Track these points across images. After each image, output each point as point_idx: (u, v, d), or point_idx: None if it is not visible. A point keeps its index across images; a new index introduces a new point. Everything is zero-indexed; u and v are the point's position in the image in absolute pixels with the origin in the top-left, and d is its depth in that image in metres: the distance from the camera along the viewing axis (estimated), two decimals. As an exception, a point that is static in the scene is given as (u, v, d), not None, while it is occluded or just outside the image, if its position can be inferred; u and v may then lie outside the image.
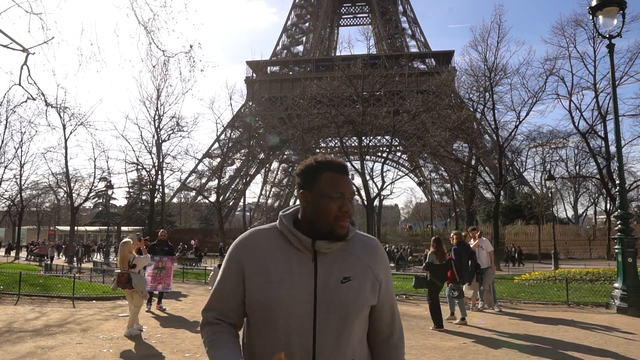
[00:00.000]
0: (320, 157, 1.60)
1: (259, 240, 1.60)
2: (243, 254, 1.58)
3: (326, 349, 1.49)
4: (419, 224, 70.54)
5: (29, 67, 14.64)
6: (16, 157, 40.81)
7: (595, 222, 56.09)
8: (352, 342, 1.55)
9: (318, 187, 1.55)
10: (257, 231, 1.64)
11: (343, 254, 1.58)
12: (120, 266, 8.73)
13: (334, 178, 1.55)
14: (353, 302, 1.52)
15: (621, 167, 11.14)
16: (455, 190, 50.68)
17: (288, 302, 1.48)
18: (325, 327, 1.49)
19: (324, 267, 1.54)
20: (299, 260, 1.54)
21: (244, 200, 56.36)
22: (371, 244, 1.66)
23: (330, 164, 1.57)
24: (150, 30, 14.21)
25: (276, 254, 1.55)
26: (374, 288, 1.60)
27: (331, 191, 1.53)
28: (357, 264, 1.58)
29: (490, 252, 10.92)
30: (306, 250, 1.55)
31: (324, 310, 1.50)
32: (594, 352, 6.66)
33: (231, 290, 1.59)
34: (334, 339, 1.50)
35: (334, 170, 1.56)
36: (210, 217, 69.99)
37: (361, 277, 1.57)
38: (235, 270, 1.58)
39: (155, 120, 38.82)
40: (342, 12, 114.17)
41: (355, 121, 38.19)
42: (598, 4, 10.51)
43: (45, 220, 63.47)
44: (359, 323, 1.57)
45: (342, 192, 1.54)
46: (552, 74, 31.56)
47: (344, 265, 1.56)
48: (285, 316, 1.48)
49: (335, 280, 1.53)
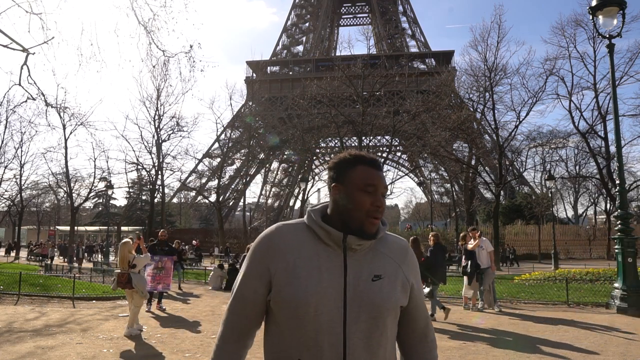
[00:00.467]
0: (354, 152, 1.58)
1: (285, 235, 1.54)
2: (268, 252, 1.52)
3: (357, 349, 1.44)
4: (419, 224, 70.52)
5: (29, 67, 14.67)
6: (16, 157, 40.83)
7: (595, 222, 56.09)
8: (383, 344, 1.49)
9: (352, 180, 1.51)
10: (283, 226, 1.58)
11: (373, 252, 1.54)
12: (120, 266, 8.72)
13: (369, 171, 1.52)
14: (385, 301, 1.48)
15: (621, 167, 11.14)
16: (455, 190, 50.65)
17: (317, 297, 1.42)
18: (356, 325, 1.44)
19: (354, 264, 1.49)
20: (328, 256, 1.49)
21: (244, 200, 56.34)
22: (401, 244, 1.63)
23: (364, 157, 1.55)
24: (150, 30, 14.23)
25: (304, 249, 1.50)
26: (404, 288, 1.56)
27: (365, 184, 1.50)
28: (388, 263, 1.55)
29: (490, 252, 10.93)
30: (335, 245, 1.50)
31: (355, 308, 1.45)
32: (594, 352, 6.66)
33: (252, 289, 1.54)
34: (364, 339, 1.45)
35: (369, 164, 1.53)
36: (210, 217, 69.97)
37: (392, 276, 1.53)
38: (260, 268, 1.53)
39: (155, 120, 38.82)
40: (342, 12, 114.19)
41: (355, 121, 38.16)
42: (598, 4, 10.51)
43: (45, 220, 63.48)
44: (390, 324, 1.52)
45: (376, 186, 1.51)
46: (552, 74, 31.54)
47: (374, 263, 1.52)
48: (314, 312, 1.42)
49: (366, 278, 1.48)
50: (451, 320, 9.44)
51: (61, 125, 36.40)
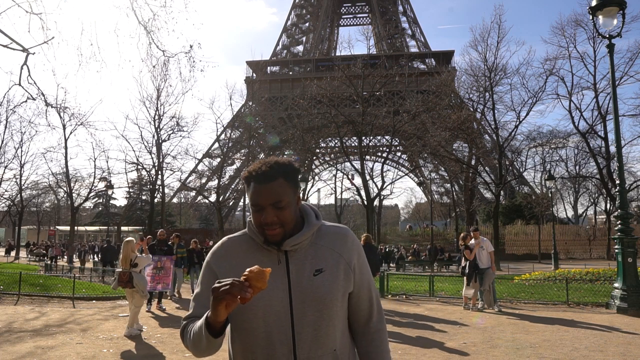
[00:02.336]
0: (252, 166, 1.62)
1: (230, 247, 1.66)
2: (216, 263, 1.64)
3: (306, 342, 1.53)
4: (419, 223, 70.50)
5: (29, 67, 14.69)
6: (16, 157, 40.75)
7: (595, 222, 56.02)
8: (331, 333, 1.58)
9: (249, 199, 1.61)
10: (228, 239, 1.70)
11: (313, 247, 1.62)
12: (121, 265, 8.71)
13: (255, 190, 1.56)
14: (327, 293, 1.55)
15: (621, 167, 11.14)
16: (455, 190, 50.65)
17: (264, 301, 1.51)
18: (303, 320, 1.53)
19: (296, 264, 1.58)
20: (271, 261, 1.59)
21: (244, 200, 56.20)
22: (341, 232, 1.69)
23: (252, 174, 1.59)
24: (150, 30, 14.24)
25: (248, 257, 1.60)
26: (347, 275, 1.63)
27: (252, 204, 1.58)
28: (329, 255, 1.62)
29: (490, 252, 10.93)
30: (275, 250, 1.59)
31: (299, 304, 1.54)
32: (594, 352, 6.65)
33: (207, 299, 1.59)
34: (313, 332, 1.54)
35: (255, 181, 1.57)
36: (210, 217, 69.95)
37: (333, 267, 1.61)
38: (211, 280, 1.59)
39: (155, 120, 38.72)
40: (342, 12, 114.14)
41: (355, 121, 38.15)
42: (598, 4, 10.51)
43: (45, 220, 63.43)
44: (337, 314, 1.60)
45: (259, 204, 1.55)
46: (552, 74, 31.57)
47: (315, 258, 1.60)
48: (263, 315, 1.53)
49: (308, 274, 1.57)
50: (451, 320, 9.44)
51: (61, 125, 36.41)
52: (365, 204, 37.54)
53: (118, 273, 8.69)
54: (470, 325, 8.92)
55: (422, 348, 7.03)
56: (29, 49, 13.45)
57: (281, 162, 1.61)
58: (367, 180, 37.40)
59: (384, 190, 39.46)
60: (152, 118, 38.68)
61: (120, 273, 8.61)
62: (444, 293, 13.56)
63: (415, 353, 6.69)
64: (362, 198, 37.85)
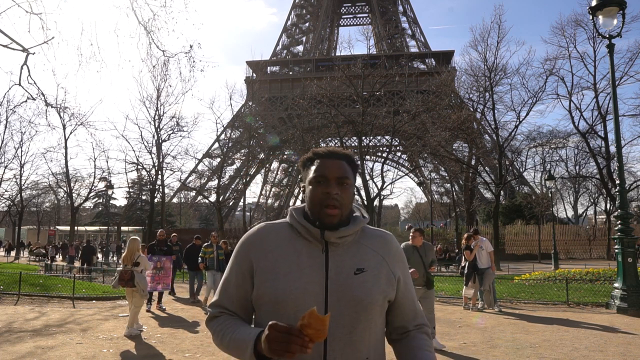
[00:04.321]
0: (318, 149, 1.59)
1: (267, 233, 1.56)
2: (251, 248, 1.54)
3: (338, 345, 1.42)
4: (419, 223, 70.54)
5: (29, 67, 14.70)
6: (16, 157, 40.82)
7: (595, 222, 56.01)
8: (366, 339, 1.47)
9: (308, 176, 1.55)
10: (267, 225, 1.60)
11: (356, 245, 1.54)
12: (124, 262, 8.70)
13: (321, 163, 1.53)
14: (367, 294, 1.45)
15: (621, 167, 11.14)
16: (455, 190, 50.61)
17: (296, 294, 1.42)
18: (338, 321, 1.42)
19: (336, 259, 1.49)
20: (310, 252, 1.49)
21: (244, 200, 56.23)
22: (385, 237, 1.62)
23: (319, 152, 1.57)
24: (150, 30, 14.24)
25: (285, 246, 1.51)
26: (389, 281, 1.53)
27: (316, 176, 1.51)
28: (371, 256, 1.53)
29: (490, 252, 10.93)
30: (316, 241, 1.50)
31: (335, 302, 1.43)
32: (594, 352, 6.65)
33: (236, 286, 1.55)
34: (347, 334, 1.43)
35: (323, 157, 1.55)
36: (210, 217, 69.93)
37: (375, 269, 1.51)
38: (243, 266, 1.54)
39: (155, 120, 38.72)
40: (342, 12, 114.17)
41: (355, 121, 38.12)
42: (598, 4, 10.51)
43: (45, 220, 63.43)
44: (375, 319, 1.49)
45: (326, 175, 1.50)
46: (552, 74, 31.55)
47: (357, 257, 1.51)
48: (294, 310, 1.41)
49: (348, 272, 1.47)
50: (451, 320, 9.44)
51: (61, 125, 36.48)
52: (365, 204, 37.52)
53: (119, 272, 8.67)
54: (470, 325, 8.91)
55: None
56: (29, 49, 13.46)
57: (345, 151, 1.60)
58: (367, 180, 37.38)
59: (384, 190, 39.42)
60: (152, 118, 38.71)
61: (121, 271, 8.58)
62: (444, 293, 13.56)
63: (415, 353, 6.68)
64: (362, 198, 37.82)
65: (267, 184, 64.99)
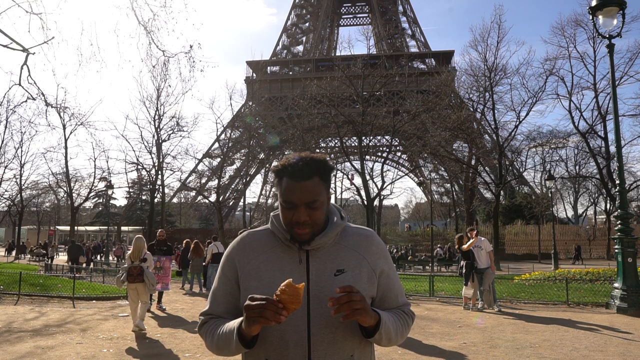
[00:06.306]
0: (284, 159, 1.55)
1: (250, 241, 1.62)
2: (235, 257, 1.60)
3: (322, 345, 1.47)
4: (419, 223, 70.52)
5: (29, 67, 14.70)
6: (16, 157, 40.80)
7: (595, 222, 56.00)
8: (349, 338, 1.51)
9: (279, 193, 1.54)
10: (250, 233, 1.66)
11: (336, 247, 1.56)
12: (131, 259, 8.76)
13: (289, 186, 1.49)
14: None
15: (621, 167, 11.14)
16: (455, 190, 50.62)
17: None
18: (320, 322, 1.47)
19: (317, 262, 1.53)
20: (291, 258, 1.54)
21: (244, 200, 56.32)
22: (365, 234, 1.63)
23: (287, 169, 1.51)
24: (150, 30, 14.24)
25: (268, 253, 1.56)
26: (370, 279, 1.56)
27: (284, 200, 1.51)
28: (351, 256, 1.56)
29: (489, 252, 10.93)
30: (297, 247, 1.54)
31: (317, 305, 1.47)
32: (594, 352, 6.65)
33: (225, 293, 1.61)
34: (330, 334, 1.47)
35: (290, 177, 1.49)
36: (210, 217, 69.93)
37: (355, 268, 1.54)
38: (229, 274, 1.59)
39: (155, 120, 38.73)
40: (342, 12, 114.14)
41: (355, 121, 38.13)
42: (598, 4, 10.51)
43: (45, 220, 63.41)
44: None
45: (293, 201, 1.48)
46: (552, 74, 31.58)
47: (337, 259, 1.55)
48: None
49: (329, 274, 1.51)
50: (451, 320, 9.44)
51: (61, 125, 36.48)
52: (365, 204, 37.53)
53: (126, 268, 8.69)
54: (470, 325, 8.91)
55: (422, 348, 7.03)
56: (29, 49, 13.46)
57: (317, 159, 1.52)
58: (367, 180, 37.38)
59: (384, 190, 39.43)
60: (152, 118, 38.73)
61: (130, 267, 8.64)
62: (443, 293, 13.56)
63: (415, 353, 6.69)
64: (362, 198, 37.83)
65: (267, 184, 64.94)
